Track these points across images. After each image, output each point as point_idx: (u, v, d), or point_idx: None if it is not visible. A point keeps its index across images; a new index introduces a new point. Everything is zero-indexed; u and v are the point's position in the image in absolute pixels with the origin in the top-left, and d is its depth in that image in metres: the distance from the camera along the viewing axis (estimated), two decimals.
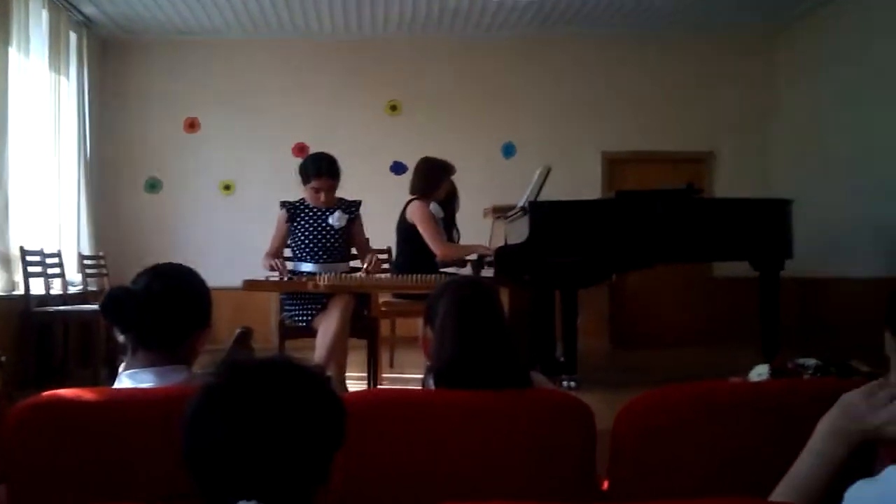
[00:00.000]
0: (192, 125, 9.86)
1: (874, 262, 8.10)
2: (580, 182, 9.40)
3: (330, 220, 5.56)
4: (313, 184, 5.51)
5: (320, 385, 1.51)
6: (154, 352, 2.28)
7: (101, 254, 8.79)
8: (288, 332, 5.52)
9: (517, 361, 2.37)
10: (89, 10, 8.84)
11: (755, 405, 2.07)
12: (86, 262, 8.47)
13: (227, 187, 9.86)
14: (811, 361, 4.23)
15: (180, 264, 2.44)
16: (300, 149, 9.65)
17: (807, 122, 9.49)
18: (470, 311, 2.38)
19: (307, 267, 5.53)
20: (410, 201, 6.69)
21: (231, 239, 9.51)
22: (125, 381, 2.27)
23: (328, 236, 5.56)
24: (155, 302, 2.23)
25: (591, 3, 8.95)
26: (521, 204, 6.57)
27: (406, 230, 6.61)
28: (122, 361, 2.40)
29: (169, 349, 2.29)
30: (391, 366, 7.28)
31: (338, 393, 1.54)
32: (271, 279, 5.44)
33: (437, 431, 2.15)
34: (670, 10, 9.25)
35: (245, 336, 2.78)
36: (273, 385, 1.46)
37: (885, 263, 7.96)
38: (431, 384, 2.36)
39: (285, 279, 5.40)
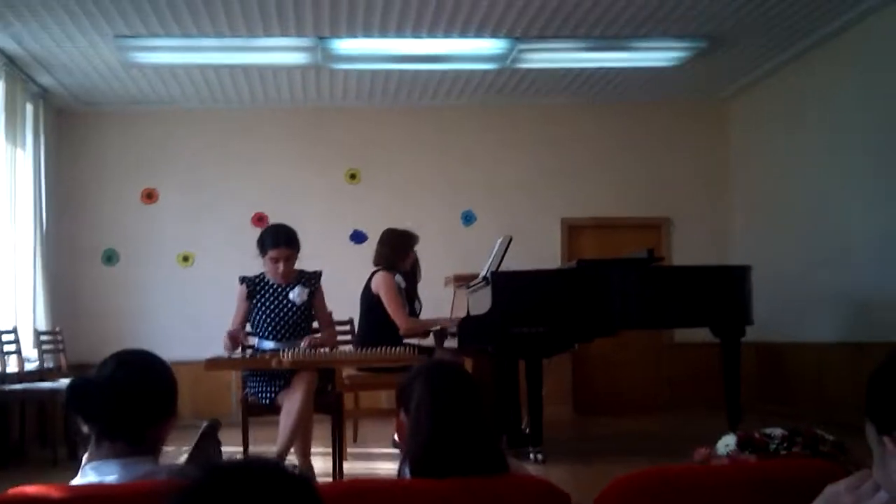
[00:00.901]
0: (149, 195, 9.78)
1: (832, 327, 8.18)
2: (541, 249, 9.43)
3: (290, 296, 5.49)
4: (271, 254, 5.43)
5: (306, 489, 1.46)
6: (119, 443, 2.21)
7: (57, 329, 8.62)
8: (251, 408, 5.42)
9: (495, 446, 2.33)
10: (46, 80, 8.78)
11: (738, 489, 2.04)
12: (42, 338, 8.29)
13: (185, 258, 9.76)
14: (777, 431, 4.19)
15: (145, 351, 2.38)
16: (259, 219, 9.61)
17: (760, 189, 9.65)
18: (445, 395, 2.33)
19: (269, 344, 5.44)
20: (375, 272, 6.67)
21: (190, 311, 9.41)
22: (90, 474, 2.20)
23: (289, 313, 5.49)
24: (120, 392, 2.17)
25: (549, 73, 9.05)
26: (483, 274, 6.57)
27: (370, 301, 6.59)
28: (85, 451, 2.33)
29: (134, 440, 2.23)
30: (355, 440, 7.19)
31: (304, 472, 1.49)
32: (234, 357, 5.34)
33: None
34: (626, 81, 9.40)
35: (212, 429, 2.69)
36: (257, 490, 1.40)
37: (842, 328, 8.03)
38: (407, 472, 2.31)
39: (247, 350, 5.32)
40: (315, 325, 5.68)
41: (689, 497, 2.06)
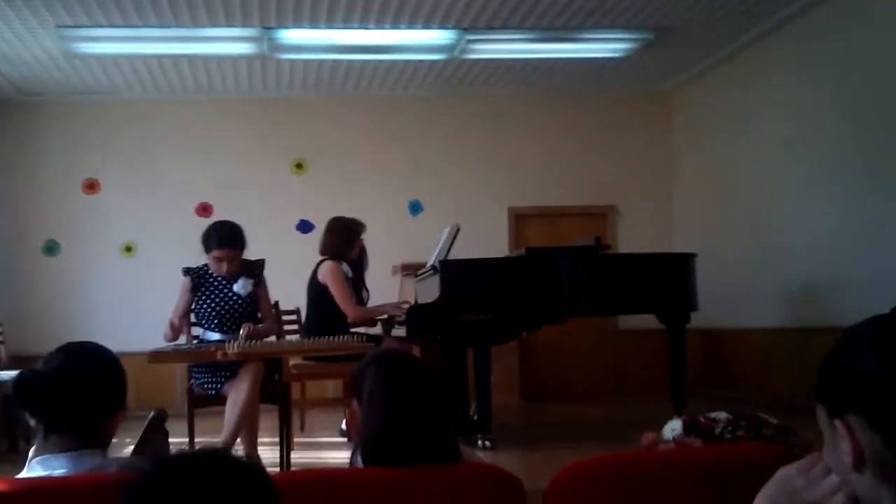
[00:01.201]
0: (91, 186, 9.63)
1: (775, 313, 8.31)
2: (488, 238, 9.44)
3: (235, 288, 5.45)
4: (215, 253, 5.39)
5: (257, 478, 1.45)
6: (67, 436, 2.19)
7: None
8: (197, 400, 5.37)
9: (448, 434, 2.33)
10: None
11: (687, 474, 2.07)
12: None
13: (128, 249, 9.63)
14: (722, 415, 4.26)
15: (93, 343, 2.36)
16: (204, 208, 9.53)
17: (704, 179, 9.75)
18: (397, 383, 2.33)
19: (214, 336, 5.40)
20: (322, 261, 6.64)
21: (134, 302, 9.30)
22: (37, 468, 2.18)
23: (234, 305, 5.45)
24: (67, 385, 2.15)
25: (496, 64, 9.06)
26: (430, 263, 6.57)
27: (317, 290, 6.56)
28: (31, 446, 2.30)
29: (82, 433, 2.21)
30: (302, 429, 7.16)
31: (255, 461, 1.48)
32: (178, 349, 5.29)
33: None
34: (573, 73, 9.44)
35: (159, 420, 2.67)
36: (209, 480, 1.39)
37: (785, 315, 8.17)
38: (359, 461, 2.31)
39: (192, 340, 5.28)
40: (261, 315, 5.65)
41: (640, 482, 2.09)
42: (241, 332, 5.27)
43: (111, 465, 2.20)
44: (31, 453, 2.32)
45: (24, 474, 2.25)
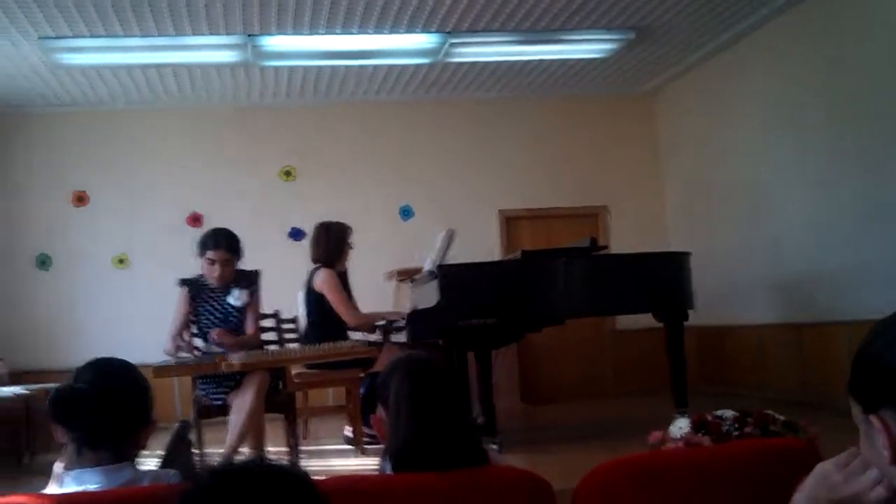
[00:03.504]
0: (80, 198, 9.59)
1: (769, 309, 8.36)
2: (479, 241, 9.45)
3: (230, 300, 5.48)
4: (208, 255, 5.42)
5: (310, 489, 1.47)
6: (100, 451, 2.21)
7: None
8: (203, 410, 5.37)
9: (475, 438, 2.34)
10: None
11: (717, 472, 2.09)
12: None
13: (120, 261, 9.59)
14: (729, 413, 4.28)
15: (118, 358, 2.37)
16: (195, 218, 9.51)
17: (691, 177, 9.82)
18: (424, 389, 2.33)
19: (216, 347, 5.40)
20: (316, 270, 6.63)
21: (128, 313, 9.26)
22: (70, 483, 2.19)
23: (230, 316, 5.47)
24: (103, 400, 2.16)
25: (480, 67, 9.09)
26: (427, 268, 6.58)
27: (314, 299, 6.56)
28: (59, 459, 2.32)
29: (116, 447, 2.22)
30: (305, 437, 7.15)
31: (301, 471, 1.50)
32: (182, 362, 5.29)
33: None
34: (556, 74, 9.49)
35: (184, 431, 2.70)
36: (264, 490, 1.41)
37: (779, 310, 8.22)
38: (388, 468, 2.32)
39: (195, 354, 5.28)
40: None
41: (671, 482, 2.10)
42: (211, 335, 5.28)
43: (144, 478, 2.23)
44: (57, 468, 2.34)
45: (53, 489, 2.26)
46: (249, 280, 5.58)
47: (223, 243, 5.43)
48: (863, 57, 6.97)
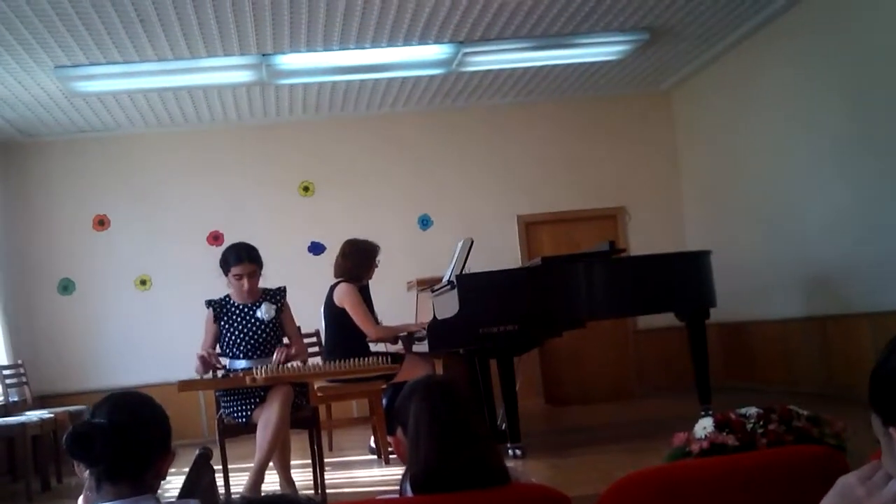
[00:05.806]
0: (101, 222, 9.66)
1: (792, 303, 8.30)
2: (499, 248, 9.48)
3: (258, 315, 5.49)
4: (234, 270, 5.44)
5: None
6: (120, 484, 2.21)
7: (19, 362, 8.49)
8: (227, 429, 5.39)
9: (496, 457, 2.34)
10: None
11: (740, 483, 2.08)
12: (5, 372, 8.15)
13: (143, 282, 9.64)
14: (752, 410, 4.24)
15: (135, 392, 2.39)
16: (215, 237, 9.55)
17: (710, 175, 9.75)
18: (442, 412, 2.33)
19: (241, 364, 5.42)
20: (337, 284, 6.67)
21: (152, 334, 9.33)
22: None
23: (258, 331, 5.47)
24: (122, 435, 2.17)
25: (494, 74, 9.08)
26: (446, 278, 6.59)
27: (335, 314, 6.59)
28: (82, 494, 2.33)
29: (136, 480, 2.23)
30: (330, 449, 7.19)
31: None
32: (206, 377, 5.32)
33: None
34: (571, 78, 9.48)
35: (205, 458, 2.70)
36: None
37: (802, 304, 8.17)
38: (408, 489, 2.32)
39: (219, 369, 5.31)
40: (286, 340, 5.66)
41: (693, 494, 2.10)
42: (275, 356, 5.31)
43: None
44: (81, 501, 2.35)
45: None
46: (276, 296, 5.60)
47: (245, 256, 5.46)
48: (882, 47, 6.87)
